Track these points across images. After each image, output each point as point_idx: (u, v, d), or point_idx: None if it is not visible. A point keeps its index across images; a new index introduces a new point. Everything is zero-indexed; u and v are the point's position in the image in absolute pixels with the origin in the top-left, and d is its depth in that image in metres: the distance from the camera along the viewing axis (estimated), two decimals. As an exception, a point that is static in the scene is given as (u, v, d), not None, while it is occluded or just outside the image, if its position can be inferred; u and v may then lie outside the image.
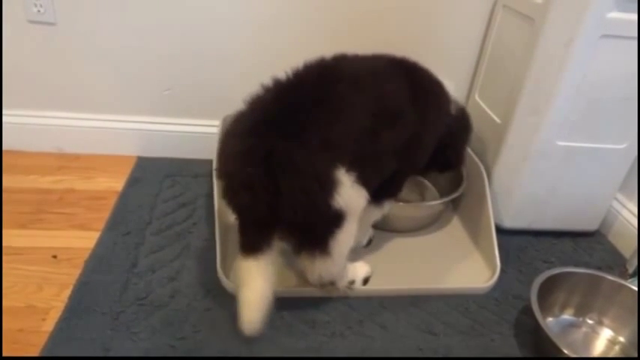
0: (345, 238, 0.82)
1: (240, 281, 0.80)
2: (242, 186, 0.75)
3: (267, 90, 0.82)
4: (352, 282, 0.93)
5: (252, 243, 0.79)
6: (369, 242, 1.08)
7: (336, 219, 0.78)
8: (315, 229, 0.79)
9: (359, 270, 0.95)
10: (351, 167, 0.77)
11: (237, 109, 0.83)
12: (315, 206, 0.75)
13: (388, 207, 0.99)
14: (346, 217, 0.79)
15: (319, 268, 0.83)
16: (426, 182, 1.26)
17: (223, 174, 0.80)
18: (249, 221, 0.80)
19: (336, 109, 0.79)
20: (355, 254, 0.96)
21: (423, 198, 1.24)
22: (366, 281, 0.96)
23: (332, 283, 0.89)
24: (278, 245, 0.80)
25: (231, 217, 0.83)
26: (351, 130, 0.79)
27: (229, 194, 0.79)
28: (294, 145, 0.74)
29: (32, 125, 1.30)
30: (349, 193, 0.77)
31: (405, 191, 1.14)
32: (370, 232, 1.08)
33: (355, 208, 0.81)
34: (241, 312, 0.79)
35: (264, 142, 0.74)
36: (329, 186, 0.75)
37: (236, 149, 0.77)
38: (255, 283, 0.79)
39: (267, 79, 1.31)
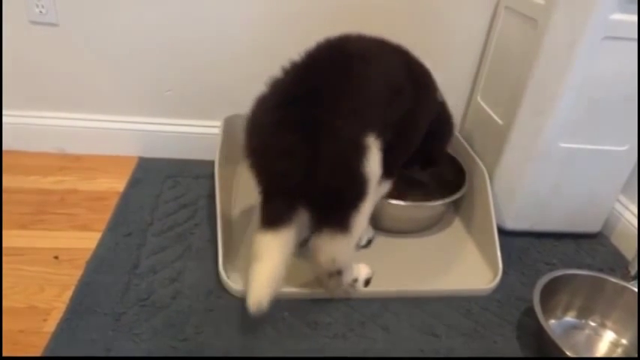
0: (364, 215, 0.83)
1: (254, 255, 0.80)
2: (280, 153, 0.77)
3: (287, 71, 0.86)
4: (355, 280, 0.93)
5: (275, 214, 0.80)
6: (369, 243, 1.08)
7: (362, 187, 0.80)
8: (343, 197, 0.80)
9: (361, 270, 0.95)
10: (377, 135, 0.81)
11: (260, 93, 0.85)
12: (350, 169, 0.78)
13: (386, 188, 1.01)
14: (369, 186, 0.81)
15: (337, 248, 0.84)
16: (428, 183, 1.25)
17: (258, 144, 0.82)
18: (278, 191, 0.81)
19: (356, 82, 0.83)
20: (356, 255, 0.96)
21: (424, 199, 1.23)
22: (367, 283, 0.95)
23: (339, 273, 0.88)
24: (298, 222, 0.80)
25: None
26: (371, 101, 0.84)
27: (264, 164, 0.81)
28: (329, 113, 0.78)
29: (34, 126, 1.30)
30: (375, 160, 0.81)
31: (407, 192, 1.14)
32: (370, 232, 1.07)
33: (376, 177, 0.83)
34: (250, 288, 0.79)
35: (300, 111, 0.78)
36: (362, 150, 0.78)
37: (271, 120, 0.80)
38: (271, 258, 0.80)
39: (268, 80, 1.31)
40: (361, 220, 0.83)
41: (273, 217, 0.80)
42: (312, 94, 0.80)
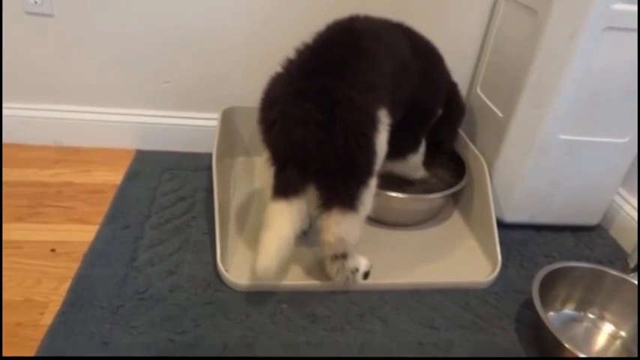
0: (372, 192, 0.85)
1: (265, 223, 0.82)
2: (297, 122, 0.79)
3: (301, 52, 0.88)
4: (356, 270, 0.93)
5: (288, 183, 0.82)
6: (366, 275, 0.99)
7: (373, 157, 0.83)
8: (354, 168, 0.82)
9: (361, 262, 0.95)
10: (387, 110, 0.84)
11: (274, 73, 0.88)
12: (364, 137, 0.80)
13: (413, 161, 1.11)
14: (377, 160, 0.84)
15: (346, 226, 0.84)
16: (428, 175, 1.25)
17: (273, 114, 0.83)
18: (292, 160, 0.82)
19: (367, 57, 0.86)
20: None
21: (424, 191, 1.23)
22: (366, 275, 0.95)
23: (344, 256, 0.88)
24: (309, 195, 0.83)
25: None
26: (382, 76, 0.87)
27: (280, 133, 0.82)
28: (343, 85, 0.81)
29: (30, 118, 1.29)
30: (385, 135, 0.84)
31: (406, 185, 1.14)
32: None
33: (383, 152, 0.86)
34: (259, 255, 0.81)
35: (315, 82, 0.81)
36: (375, 122, 0.82)
37: (288, 90, 0.83)
38: (281, 226, 0.82)
39: (266, 72, 1.30)
40: (369, 198, 0.85)
41: (285, 186, 0.82)
42: (326, 68, 0.83)
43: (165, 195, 1.15)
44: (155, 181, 1.19)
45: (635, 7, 0.91)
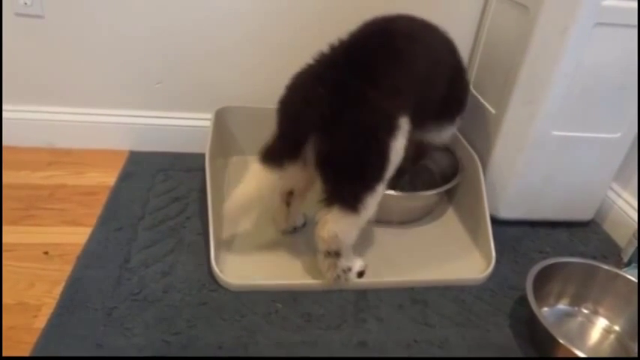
0: (377, 198, 0.85)
1: (244, 177, 0.86)
2: (303, 99, 0.81)
3: (334, 47, 0.87)
4: (349, 269, 0.93)
5: (273, 153, 0.84)
6: (361, 274, 0.98)
7: (384, 164, 0.83)
8: (363, 171, 0.82)
9: (356, 261, 0.95)
10: (409, 116, 0.84)
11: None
12: (379, 143, 0.81)
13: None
14: (389, 168, 0.84)
15: (344, 226, 0.85)
16: (423, 172, 1.25)
17: (289, 93, 0.85)
18: (285, 134, 0.83)
19: (400, 61, 0.86)
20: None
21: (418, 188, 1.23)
22: (360, 275, 0.95)
23: (337, 254, 0.88)
24: (291, 174, 0.85)
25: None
26: (412, 82, 0.87)
27: (287, 107, 0.84)
28: (368, 85, 0.80)
29: (22, 120, 1.28)
30: (403, 141, 0.84)
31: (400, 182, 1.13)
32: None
33: (397, 161, 0.85)
34: (228, 200, 0.87)
35: (339, 76, 0.81)
36: (394, 129, 0.82)
37: (309, 75, 0.84)
38: (250, 182, 0.86)
39: (259, 71, 1.30)
40: (373, 204, 0.85)
41: (270, 153, 0.84)
42: (353, 66, 0.82)
43: (158, 196, 1.15)
44: (149, 182, 1.19)
45: (625, 3, 0.91)
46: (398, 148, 0.83)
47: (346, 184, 0.83)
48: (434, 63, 0.94)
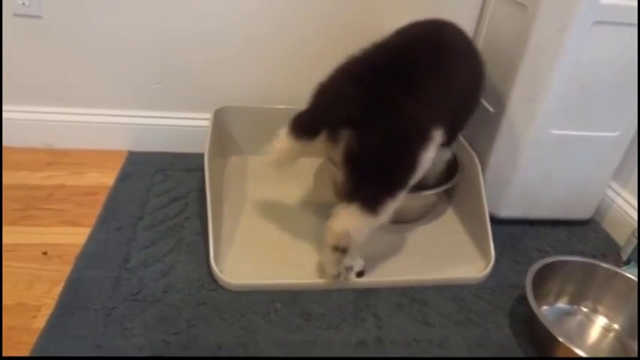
0: (396, 204, 0.85)
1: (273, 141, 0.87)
2: (343, 93, 0.81)
3: (379, 45, 0.88)
4: (351, 268, 0.93)
5: (299, 125, 0.84)
6: (361, 274, 0.99)
7: (410, 173, 0.83)
8: (388, 177, 0.83)
9: (357, 260, 0.95)
10: (443, 128, 0.85)
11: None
12: (408, 152, 0.81)
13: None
14: (414, 177, 0.84)
15: (358, 225, 0.85)
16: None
17: (327, 83, 0.85)
18: (312, 112, 0.84)
19: (443, 76, 0.87)
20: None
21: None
22: (359, 275, 0.95)
23: (344, 250, 0.88)
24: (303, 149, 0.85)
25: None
26: (451, 96, 0.88)
27: (327, 88, 0.84)
28: (404, 93, 0.81)
29: (21, 121, 1.28)
30: (433, 152, 0.85)
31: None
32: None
33: (423, 171, 0.86)
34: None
35: (381, 79, 0.81)
36: (426, 140, 0.82)
37: (355, 73, 0.83)
38: (284, 143, 0.85)
39: (258, 71, 1.30)
40: (392, 209, 0.85)
41: (297, 124, 0.84)
42: (398, 72, 0.82)
43: (158, 196, 1.14)
44: (148, 182, 1.19)
45: (623, 2, 0.91)
46: (427, 158, 0.84)
47: (370, 185, 0.83)
48: (471, 83, 0.97)
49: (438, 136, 0.84)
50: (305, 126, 0.84)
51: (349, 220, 0.85)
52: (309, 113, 0.85)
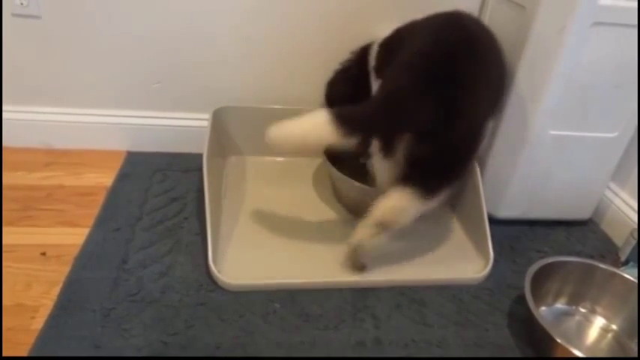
0: (448, 193, 0.90)
1: (302, 115, 0.83)
2: (409, 92, 0.83)
3: (414, 53, 0.89)
4: (363, 266, 0.97)
5: (350, 119, 0.81)
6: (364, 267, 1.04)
7: (466, 167, 0.94)
8: (451, 170, 0.89)
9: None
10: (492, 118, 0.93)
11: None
12: (471, 152, 0.89)
13: None
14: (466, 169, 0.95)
15: (410, 208, 0.87)
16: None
17: (402, 83, 0.86)
18: (383, 121, 0.84)
19: (481, 68, 0.88)
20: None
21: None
22: (362, 268, 0.96)
23: (385, 227, 0.90)
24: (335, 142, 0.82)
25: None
26: (490, 87, 0.91)
27: (396, 94, 0.85)
28: (461, 96, 0.83)
29: (19, 121, 1.28)
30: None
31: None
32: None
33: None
34: (275, 127, 0.84)
35: (437, 89, 0.82)
36: (483, 136, 0.90)
37: (419, 83, 0.84)
38: (309, 126, 0.83)
39: (258, 72, 1.29)
40: (445, 197, 0.90)
41: (346, 117, 0.80)
42: (449, 77, 0.83)
43: (156, 196, 1.14)
44: (146, 183, 1.19)
45: (621, 3, 0.91)
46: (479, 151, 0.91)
47: (432, 176, 0.87)
48: (500, 69, 0.97)
49: (487, 131, 0.91)
50: (365, 126, 0.84)
51: (405, 200, 0.86)
52: (373, 116, 0.84)
